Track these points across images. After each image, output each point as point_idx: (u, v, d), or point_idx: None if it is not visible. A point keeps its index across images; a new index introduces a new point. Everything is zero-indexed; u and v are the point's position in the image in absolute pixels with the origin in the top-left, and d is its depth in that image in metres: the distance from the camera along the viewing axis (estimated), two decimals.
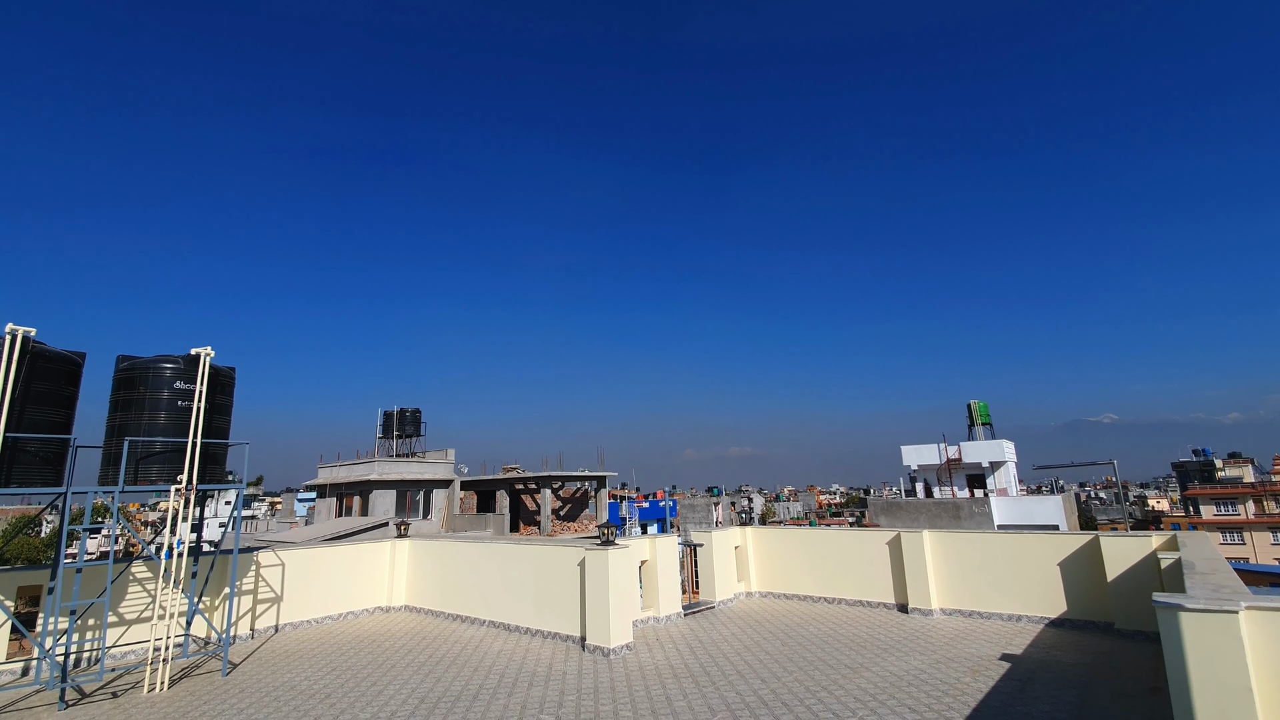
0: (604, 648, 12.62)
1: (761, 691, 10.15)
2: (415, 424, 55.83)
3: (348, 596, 17.29)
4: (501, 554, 16.24)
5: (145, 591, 14.01)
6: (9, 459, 10.67)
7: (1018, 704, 9.21)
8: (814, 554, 17.47)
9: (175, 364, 12.65)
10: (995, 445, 57.98)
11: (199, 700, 10.61)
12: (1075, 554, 13.67)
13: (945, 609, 15.01)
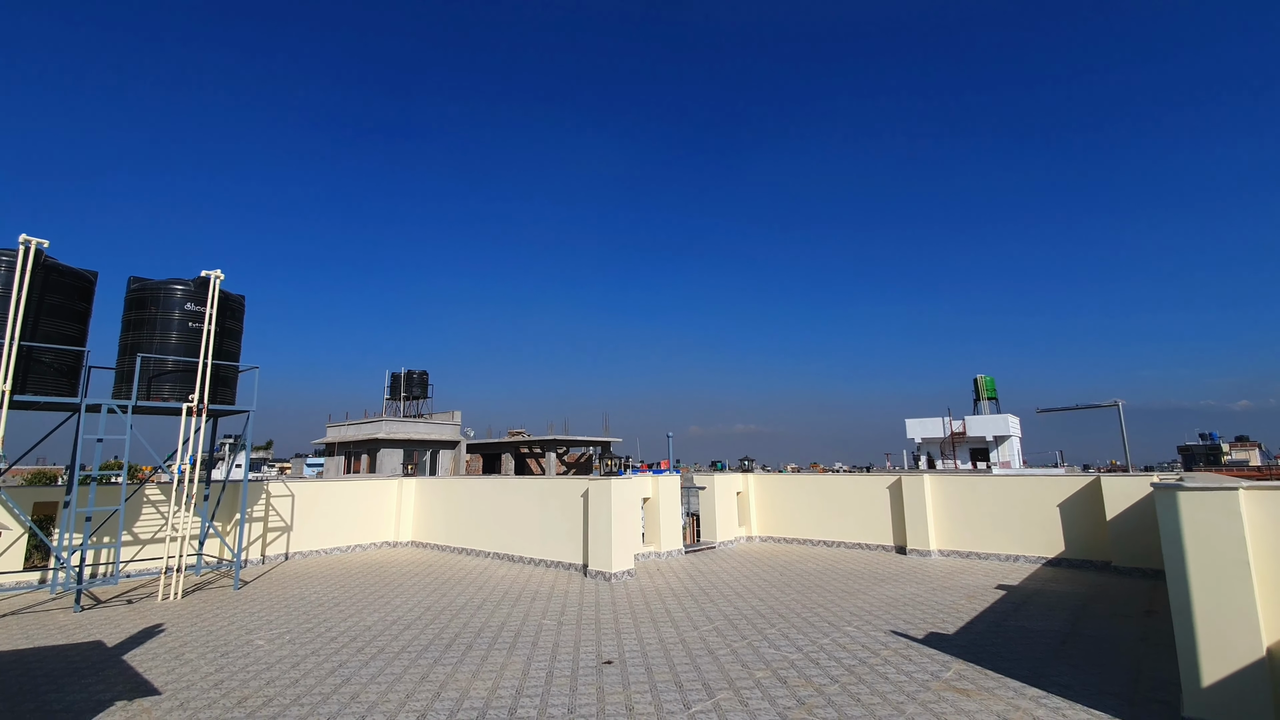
0: (606, 573, 12.85)
1: (759, 607, 10.34)
2: (422, 386, 56.26)
3: (355, 530, 17.62)
4: (506, 488, 16.48)
5: (159, 513, 14.32)
6: (25, 368, 10.86)
7: (1011, 620, 9.36)
8: (815, 499, 17.62)
9: (186, 286, 12.75)
10: (1000, 419, 57.92)
11: (211, 607, 10.91)
12: (1075, 495, 13.74)
13: (943, 550, 15.17)
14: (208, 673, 7.41)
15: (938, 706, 6.13)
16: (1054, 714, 5.93)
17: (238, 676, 7.26)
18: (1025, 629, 8.85)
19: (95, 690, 6.84)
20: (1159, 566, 12.32)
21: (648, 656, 7.82)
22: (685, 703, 6.32)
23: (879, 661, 7.51)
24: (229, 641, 8.70)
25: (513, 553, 15.45)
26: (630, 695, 6.53)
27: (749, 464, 19.60)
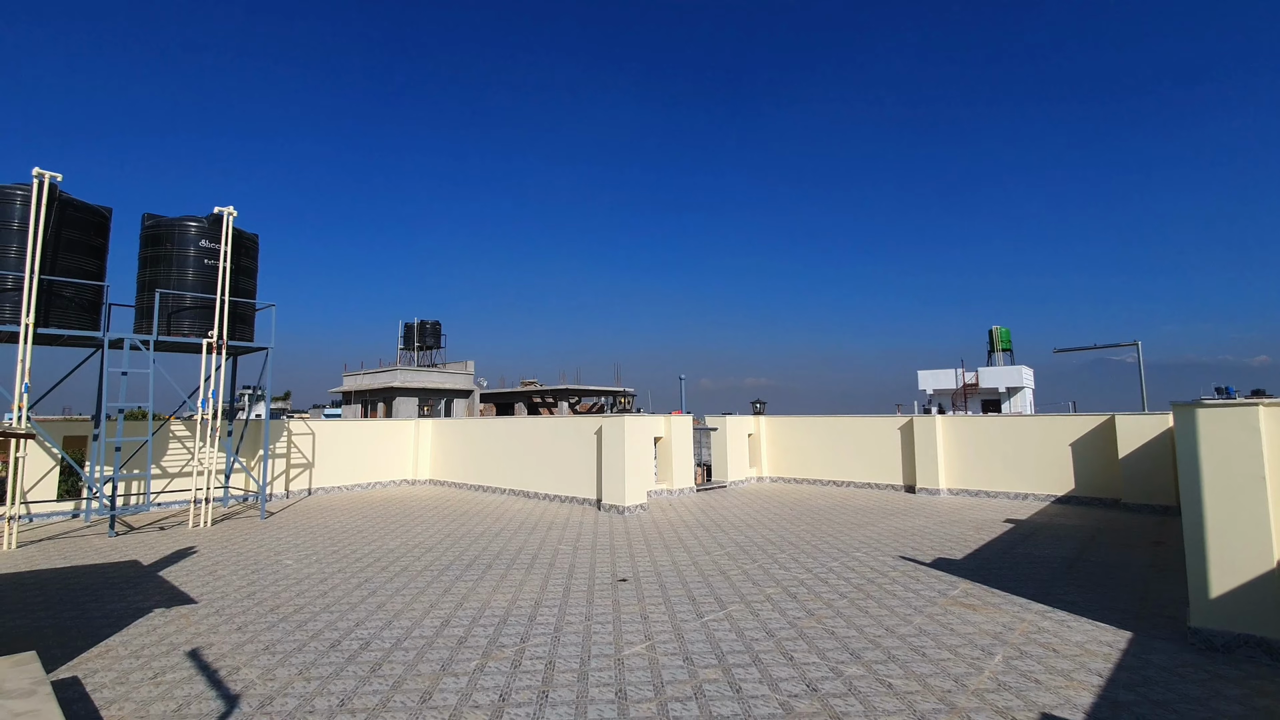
0: (619, 506, 13.14)
1: (769, 536, 10.57)
2: (435, 336, 56.64)
3: (375, 468, 18.07)
4: (521, 427, 16.74)
5: (185, 449, 14.73)
6: (46, 303, 11.01)
7: (1019, 548, 9.51)
8: (826, 440, 17.77)
9: (199, 223, 12.77)
10: (1014, 370, 57.56)
11: (240, 533, 11.31)
12: (1088, 434, 13.74)
13: (952, 489, 15.32)
14: (240, 586, 7.74)
15: (944, 618, 6.30)
16: (1059, 625, 6.08)
17: (269, 589, 7.58)
18: (1032, 555, 9.00)
19: (134, 600, 7.18)
20: (1169, 503, 12.40)
21: (661, 575, 8.06)
22: (698, 613, 6.54)
23: (887, 581, 7.69)
24: (259, 561, 9.06)
25: (528, 489, 15.80)
26: (645, 606, 6.76)
27: (760, 406, 19.69)
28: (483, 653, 5.48)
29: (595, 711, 4.38)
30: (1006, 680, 4.83)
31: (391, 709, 4.44)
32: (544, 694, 4.68)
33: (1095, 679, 4.85)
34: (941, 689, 4.70)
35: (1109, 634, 5.84)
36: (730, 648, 5.55)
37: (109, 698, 4.65)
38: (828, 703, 4.49)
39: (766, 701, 4.51)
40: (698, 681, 4.87)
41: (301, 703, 4.55)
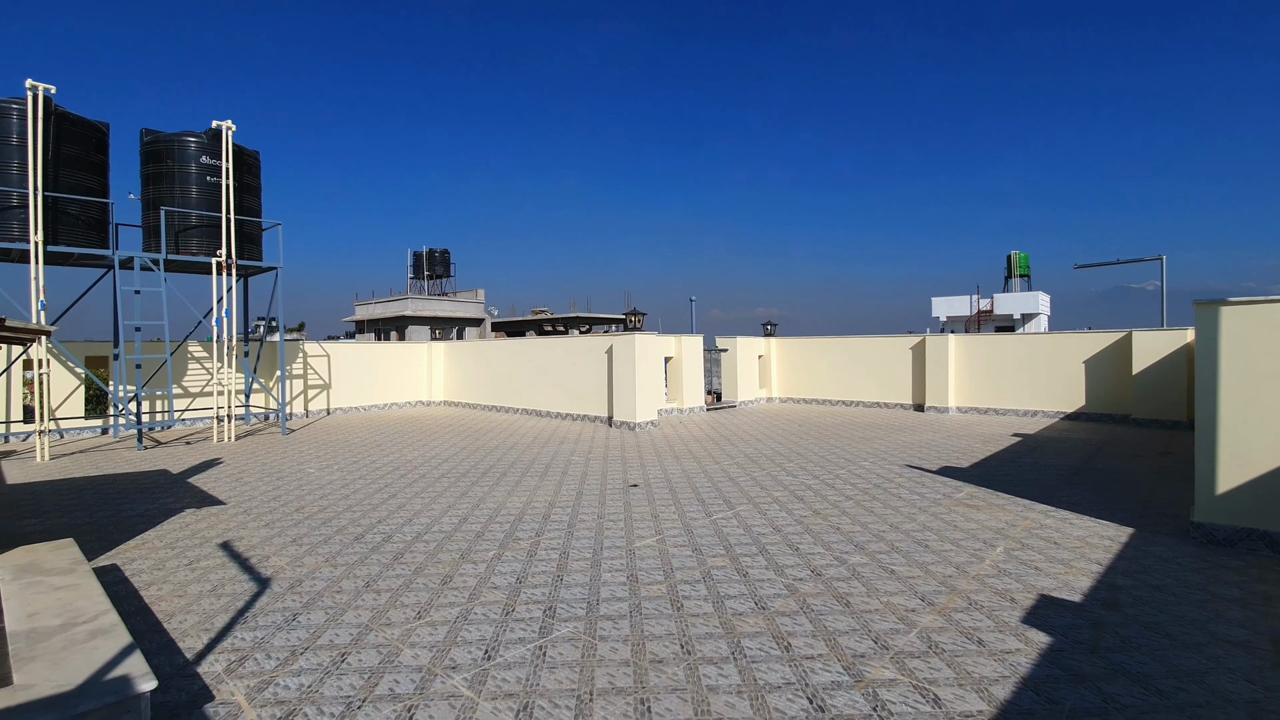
0: (630, 422, 13.35)
1: (777, 448, 10.74)
2: (445, 264, 56.30)
3: (390, 390, 18.38)
4: (532, 348, 16.84)
5: (204, 370, 14.99)
6: (53, 220, 10.97)
7: (1026, 458, 9.61)
8: (836, 360, 17.76)
9: (199, 138, 12.47)
10: (1030, 297, 56.63)
11: (263, 447, 11.66)
12: (1103, 351, 13.60)
13: (961, 407, 15.39)
14: (265, 490, 8.03)
15: (948, 516, 6.44)
16: (1062, 522, 6.20)
17: (293, 493, 7.86)
18: (1039, 464, 9.10)
19: (165, 502, 7.48)
20: (1179, 418, 12.40)
21: (671, 482, 8.25)
22: (707, 513, 6.72)
23: (892, 486, 7.83)
24: (282, 470, 9.36)
25: (541, 408, 16.06)
26: (655, 507, 6.96)
27: (771, 328, 19.60)
28: (500, 544, 5.70)
29: (608, 591, 4.58)
30: (1007, 568, 4.97)
31: (414, 589, 4.66)
32: (558, 577, 4.88)
33: (1095, 567, 4.98)
34: (942, 574, 4.84)
35: (1110, 530, 5.96)
36: (737, 540, 5.73)
37: (147, 580, 4.91)
38: (831, 585, 4.65)
39: (772, 584, 4.68)
40: (706, 568, 5.06)
41: (329, 584, 4.79)
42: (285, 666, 3.55)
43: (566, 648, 3.74)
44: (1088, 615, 4.10)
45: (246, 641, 3.87)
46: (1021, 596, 4.40)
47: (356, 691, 3.29)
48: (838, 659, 3.57)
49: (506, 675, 3.44)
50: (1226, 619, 4.04)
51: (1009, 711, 3.03)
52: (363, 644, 3.81)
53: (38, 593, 3.68)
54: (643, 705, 3.13)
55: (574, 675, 3.42)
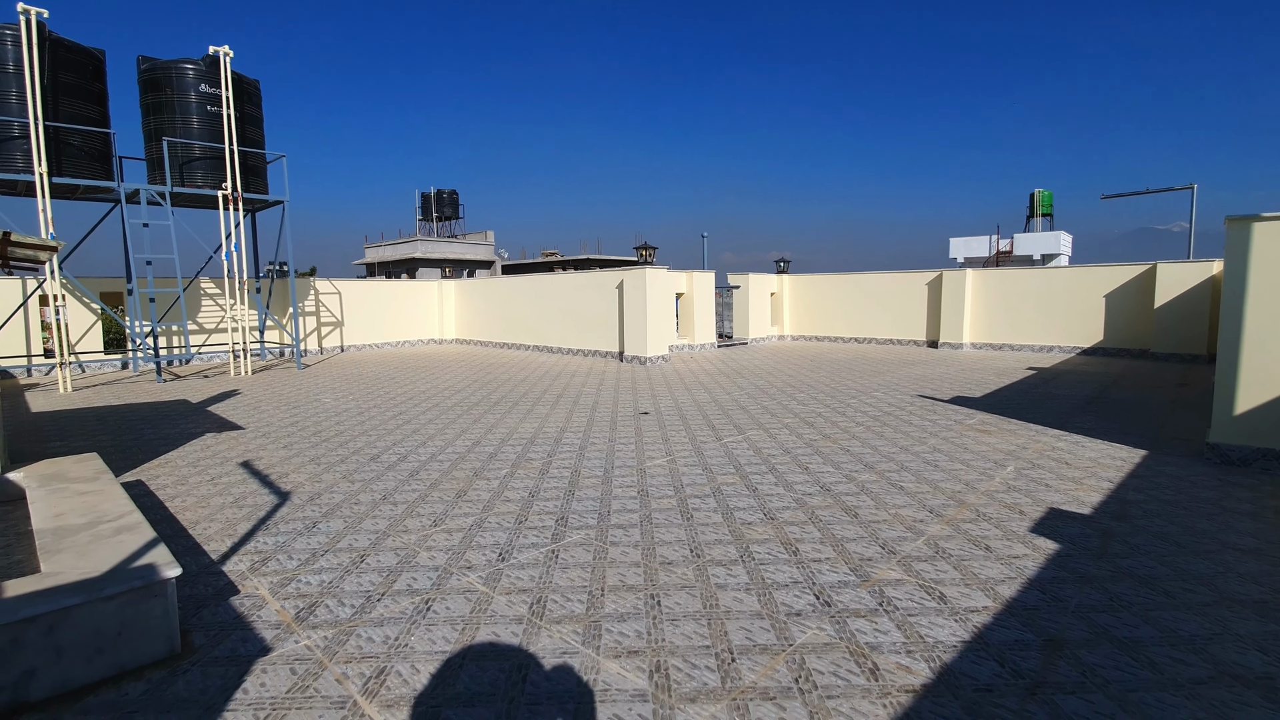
0: (641, 357, 13.36)
1: (789, 381, 10.73)
2: (453, 206, 55.58)
3: (402, 328, 18.46)
4: (543, 284, 16.74)
5: (218, 306, 15.08)
6: (56, 152, 10.83)
7: (1040, 389, 9.54)
8: (850, 297, 17.53)
9: (197, 66, 12.13)
10: (1051, 236, 55.15)
11: (279, 380, 11.82)
12: (1125, 285, 13.29)
13: (975, 343, 15.22)
14: (283, 417, 8.17)
15: (959, 440, 6.44)
16: (1074, 445, 6.18)
17: (310, 419, 8.00)
18: (1052, 394, 9.03)
19: (186, 427, 7.63)
20: (1199, 351, 12.20)
21: (682, 410, 8.29)
22: (717, 437, 6.76)
23: (904, 413, 7.82)
24: (299, 400, 9.50)
25: (552, 344, 16.09)
26: (666, 432, 7.01)
27: (784, 265, 19.26)
28: (512, 464, 5.78)
29: (619, 504, 4.65)
30: (1017, 485, 4.98)
31: (430, 502, 4.76)
32: (570, 492, 4.96)
33: (1106, 484, 4.98)
34: (951, 490, 4.87)
35: (1123, 452, 5.93)
36: (747, 461, 5.77)
37: (171, 494, 5.05)
38: (839, 499, 4.69)
39: (780, 499, 4.73)
40: (716, 484, 5.11)
41: (347, 497, 4.90)
42: (306, 566, 3.66)
43: (578, 551, 3.82)
44: (1096, 525, 4.12)
45: (268, 545, 3.99)
46: (1030, 509, 4.42)
47: (375, 587, 3.39)
48: (845, 562, 3.62)
49: (520, 574, 3.52)
50: (1237, 530, 4.03)
51: (1014, 607, 3.08)
52: (380, 547, 3.92)
53: (63, 497, 3.79)
54: (653, 600, 3.20)
55: (585, 575, 3.50)
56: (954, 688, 2.47)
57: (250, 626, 3.01)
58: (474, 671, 2.62)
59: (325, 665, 2.69)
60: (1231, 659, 2.64)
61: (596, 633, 2.90)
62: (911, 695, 2.43)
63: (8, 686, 2.40)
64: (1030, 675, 2.54)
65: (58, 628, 2.49)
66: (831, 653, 2.73)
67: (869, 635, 2.85)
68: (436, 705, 2.41)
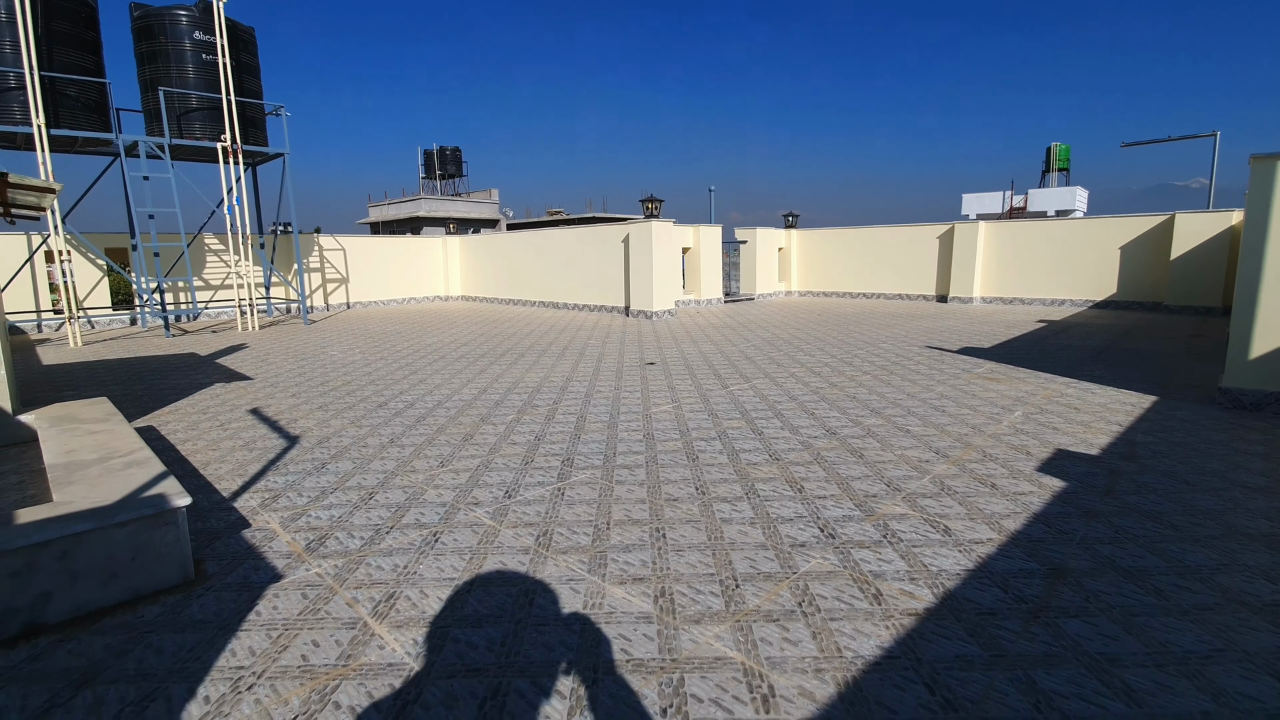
0: (647, 311, 13.28)
1: (796, 333, 10.66)
2: (456, 163, 54.74)
3: (407, 285, 18.40)
4: (548, 240, 16.56)
5: (222, 263, 15.03)
6: (53, 103, 10.65)
7: (1049, 339, 9.44)
8: (859, 251, 17.28)
9: (190, 11, 11.80)
10: (1067, 192, 53.95)
11: (285, 335, 11.84)
12: (1142, 236, 13.01)
13: (985, 297, 15.04)
14: (291, 368, 8.21)
15: (967, 387, 6.39)
16: (1083, 392, 6.13)
17: (317, 371, 8.03)
18: (1063, 345, 8.94)
19: (196, 378, 7.68)
20: (1214, 304, 12.01)
21: (688, 361, 8.26)
22: (723, 385, 6.75)
23: (911, 363, 7.76)
24: (306, 353, 9.53)
25: (557, 300, 16.02)
26: (672, 381, 6.99)
27: (793, 219, 18.95)
28: (518, 410, 5.80)
29: (624, 447, 4.66)
30: (1024, 428, 4.95)
31: (436, 445, 4.79)
32: (576, 436, 4.98)
33: (1115, 427, 4.94)
34: (958, 433, 4.85)
35: (1133, 397, 5.88)
36: (753, 407, 5.76)
37: (182, 438, 5.10)
38: (845, 442, 4.68)
39: (787, 441, 4.73)
40: (721, 428, 5.11)
41: (355, 441, 4.94)
42: (316, 503, 3.70)
43: (584, 489, 3.85)
44: (1104, 465, 4.10)
45: (278, 484, 4.03)
46: (1037, 450, 4.40)
47: (384, 521, 3.43)
48: (849, 498, 3.63)
49: (526, 510, 3.55)
50: (1247, 469, 4.01)
51: (1019, 539, 3.08)
52: (389, 486, 3.95)
53: (74, 436, 3.82)
54: (658, 533, 3.23)
55: (591, 510, 3.53)
56: (957, 611, 2.49)
57: (262, 556, 3.06)
58: (481, 596, 2.66)
59: (335, 591, 2.73)
60: (1239, 587, 2.64)
61: (602, 562, 2.93)
62: (914, 618, 2.45)
63: (24, 608, 2.46)
64: (1033, 601, 2.55)
65: (71, 553, 2.53)
66: (835, 580, 2.74)
67: (872, 565, 2.87)
68: (445, 626, 2.45)
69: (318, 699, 2.06)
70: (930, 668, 2.16)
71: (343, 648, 2.34)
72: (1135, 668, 2.14)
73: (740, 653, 2.26)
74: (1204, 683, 2.06)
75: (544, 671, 2.17)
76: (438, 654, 2.28)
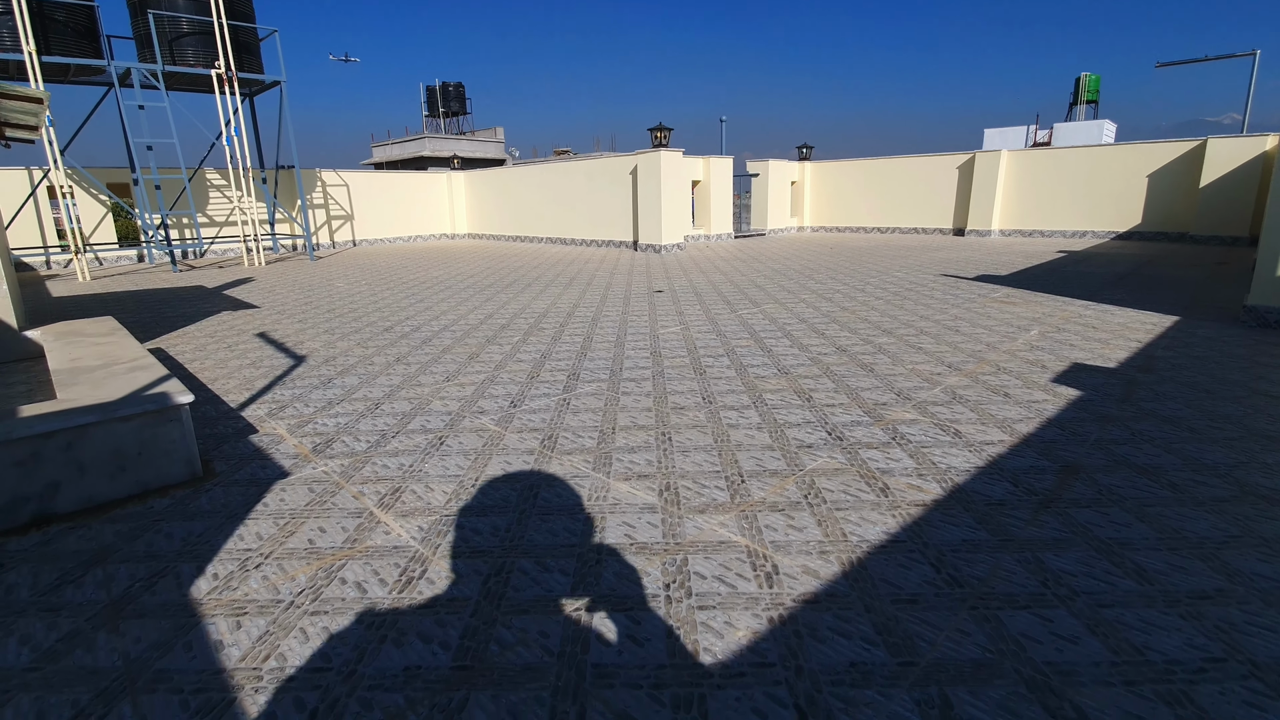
0: (655, 245, 13.05)
1: (807, 265, 10.45)
2: (460, 100, 53.16)
3: (413, 222, 18.15)
4: (554, 172, 16.18)
5: (225, 198, 14.83)
6: (42, 28, 10.29)
7: (1069, 266, 9.19)
8: (874, 184, 16.76)
9: None
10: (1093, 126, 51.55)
11: (292, 269, 11.77)
12: (1171, 164, 12.48)
13: (1004, 230, 14.63)
14: (297, 298, 8.17)
15: (982, 310, 6.25)
16: (1102, 314, 5.98)
17: (323, 301, 7.98)
18: (1082, 273, 8.70)
19: (203, 307, 7.67)
20: (1242, 233, 11.61)
21: (697, 289, 8.13)
22: (732, 310, 6.64)
23: (925, 289, 7.59)
24: (312, 285, 9.48)
25: (565, 235, 15.77)
26: (681, 307, 6.89)
27: (806, 151, 18.32)
28: (524, 333, 5.75)
29: (631, 363, 4.61)
30: (1040, 345, 4.84)
31: (442, 363, 4.77)
32: (582, 353, 4.93)
33: (1133, 344, 4.82)
34: (971, 349, 4.75)
35: (1154, 318, 5.73)
36: (762, 328, 5.67)
37: (190, 358, 5.11)
38: (856, 358, 4.60)
39: (795, 358, 4.65)
40: (729, 346, 5.04)
41: (361, 360, 4.92)
42: (322, 412, 3.70)
43: (589, 399, 3.82)
44: (1122, 376, 4.01)
45: (285, 396, 4.03)
46: (1053, 364, 4.31)
47: (389, 427, 3.43)
48: (859, 406, 3.57)
49: (531, 417, 3.53)
50: (1270, 380, 3.90)
51: (1031, 440, 3.02)
52: (395, 398, 3.94)
53: (79, 346, 3.82)
54: (664, 436, 3.20)
55: (596, 418, 3.50)
56: (965, 502, 2.45)
57: (269, 457, 3.07)
58: (486, 489, 2.66)
59: (342, 486, 2.74)
60: (1257, 482, 2.59)
61: (607, 462, 2.92)
62: (922, 508, 2.42)
63: (34, 498, 2.48)
64: (1044, 493, 2.51)
65: (76, 444, 2.54)
66: (842, 475, 2.72)
67: (880, 463, 2.83)
68: (450, 515, 2.45)
69: (324, 575, 2.08)
70: (936, 550, 2.14)
71: (349, 533, 2.35)
72: (1147, 551, 2.11)
73: (745, 538, 2.25)
74: (1218, 564, 2.03)
75: (548, 554, 2.17)
76: (442, 538, 2.29)
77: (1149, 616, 1.79)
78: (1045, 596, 1.88)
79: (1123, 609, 1.82)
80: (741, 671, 1.62)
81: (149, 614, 1.91)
